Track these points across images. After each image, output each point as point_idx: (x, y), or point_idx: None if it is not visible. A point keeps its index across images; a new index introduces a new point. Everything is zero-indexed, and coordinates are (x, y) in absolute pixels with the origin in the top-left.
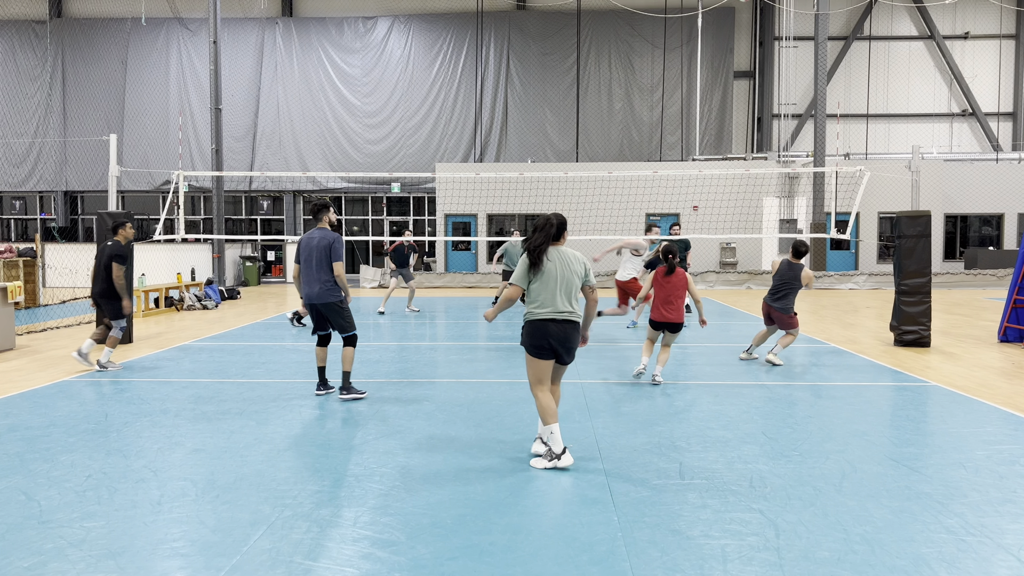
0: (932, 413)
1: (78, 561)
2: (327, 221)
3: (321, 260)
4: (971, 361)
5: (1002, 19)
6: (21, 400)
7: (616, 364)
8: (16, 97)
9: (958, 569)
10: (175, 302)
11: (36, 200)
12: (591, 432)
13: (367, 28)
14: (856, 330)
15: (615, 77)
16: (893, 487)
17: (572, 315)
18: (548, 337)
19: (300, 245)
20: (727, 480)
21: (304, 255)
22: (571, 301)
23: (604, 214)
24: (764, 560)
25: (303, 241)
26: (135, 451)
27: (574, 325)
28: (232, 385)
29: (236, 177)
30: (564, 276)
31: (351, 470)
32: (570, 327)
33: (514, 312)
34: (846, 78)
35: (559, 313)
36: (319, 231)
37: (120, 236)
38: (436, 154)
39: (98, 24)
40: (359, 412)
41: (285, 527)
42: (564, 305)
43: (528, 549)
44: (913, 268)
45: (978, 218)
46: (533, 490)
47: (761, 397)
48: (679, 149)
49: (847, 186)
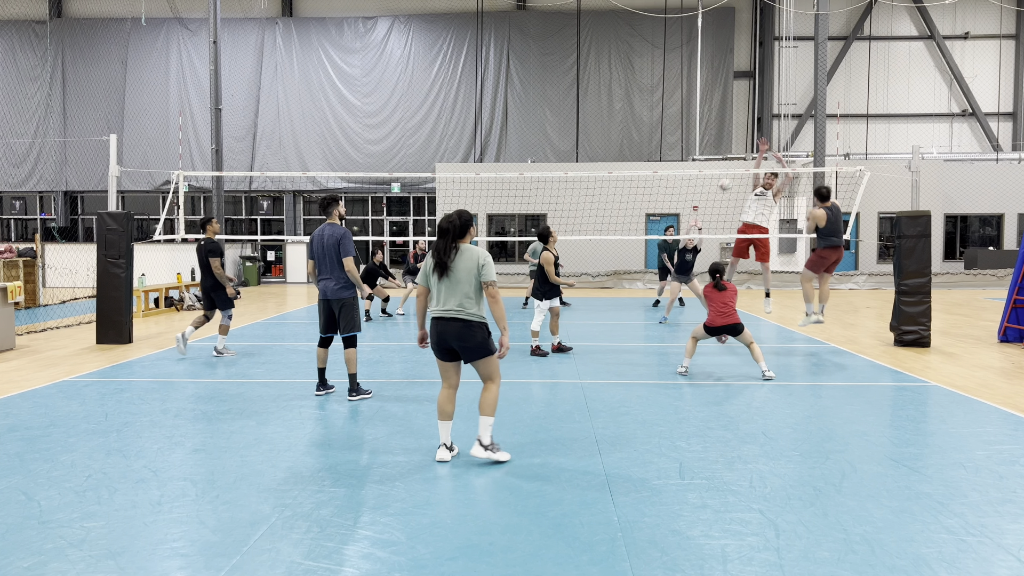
0: (932, 413)
1: (78, 561)
2: (337, 215)
3: (333, 256)
4: (971, 361)
5: (1002, 19)
6: (21, 400)
7: (616, 365)
8: (16, 97)
9: (958, 569)
10: (175, 302)
11: (36, 200)
12: (591, 432)
13: (367, 28)
14: (856, 330)
15: (615, 77)
16: (893, 487)
17: (459, 312)
18: (436, 335)
19: (312, 241)
20: (727, 480)
21: (317, 251)
22: (459, 299)
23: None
24: (764, 560)
25: (315, 237)
26: (135, 451)
27: (461, 323)
28: (232, 385)
29: (236, 177)
30: (455, 274)
31: (351, 470)
32: (456, 324)
33: (514, 312)
34: (846, 78)
35: (444, 311)
36: (329, 226)
37: (209, 232)
38: (436, 154)
39: (98, 24)
40: (360, 412)
41: (285, 527)
42: (449, 303)
43: (528, 549)
44: (913, 268)
45: (978, 218)
46: (533, 490)
47: (761, 397)
48: (679, 149)
49: (847, 186)
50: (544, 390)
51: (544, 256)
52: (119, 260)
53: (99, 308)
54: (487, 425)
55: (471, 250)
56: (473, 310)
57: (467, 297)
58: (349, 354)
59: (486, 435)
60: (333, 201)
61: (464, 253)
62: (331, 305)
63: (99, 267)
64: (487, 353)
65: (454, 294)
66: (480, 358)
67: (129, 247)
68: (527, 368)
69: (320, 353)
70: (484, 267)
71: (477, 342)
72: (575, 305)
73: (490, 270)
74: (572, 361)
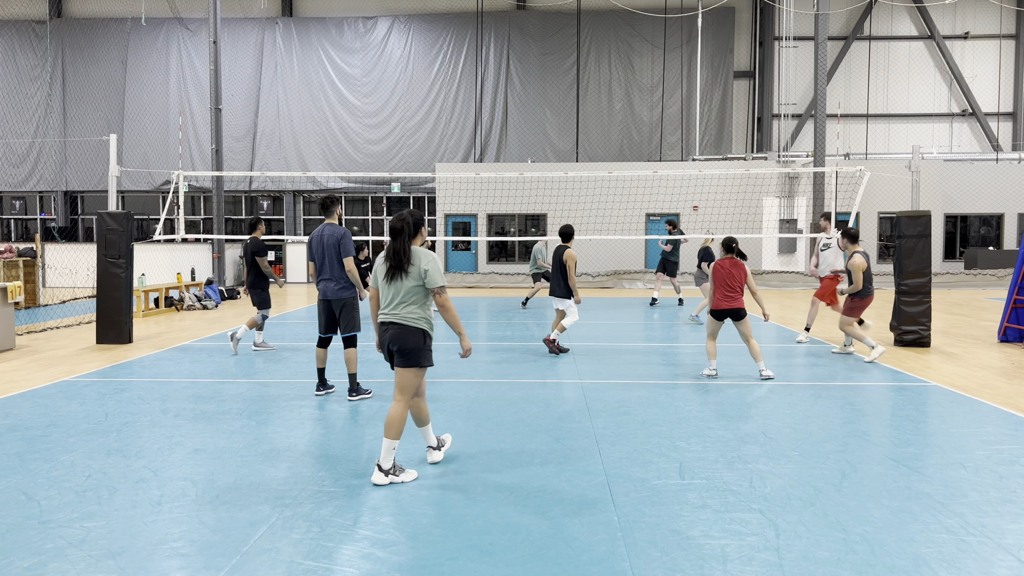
0: (932, 413)
1: (78, 561)
2: (337, 215)
3: (333, 256)
4: (971, 361)
5: (1002, 19)
6: (21, 400)
7: (616, 365)
8: (16, 97)
9: (958, 569)
10: (175, 302)
11: (36, 200)
12: (591, 432)
13: (367, 28)
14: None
15: (615, 77)
16: (893, 487)
17: (395, 317)
18: (383, 341)
19: (311, 242)
20: (727, 480)
21: (316, 251)
22: (399, 303)
23: (604, 214)
24: (764, 560)
25: (314, 237)
26: (135, 451)
27: (399, 328)
28: (232, 385)
29: (236, 177)
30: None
31: (351, 470)
32: (393, 329)
33: (514, 312)
34: (846, 78)
35: (384, 315)
36: (329, 226)
37: (257, 232)
38: (436, 154)
39: (98, 24)
40: (359, 412)
41: (285, 527)
42: (388, 307)
43: (528, 549)
44: (913, 268)
45: (978, 218)
46: (533, 490)
47: (761, 397)
48: (679, 149)
49: (847, 186)
50: (544, 390)
51: (568, 254)
52: (119, 260)
53: (99, 308)
54: (390, 448)
55: (417, 252)
56: (413, 316)
57: (409, 302)
58: (349, 354)
59: (387, 459)
60: (333, 201)
61: (411, 256)
62: (331, 305)
63: (99, 267)
64: (415, 363)
65: (394, 298)
66: (406, 366)
67: (129, 247)
68: (527, 368)
69: (319, 353)
70: (428, 273)
71: (409, 348)
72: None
73: (435, 276)
74: (572, 361)
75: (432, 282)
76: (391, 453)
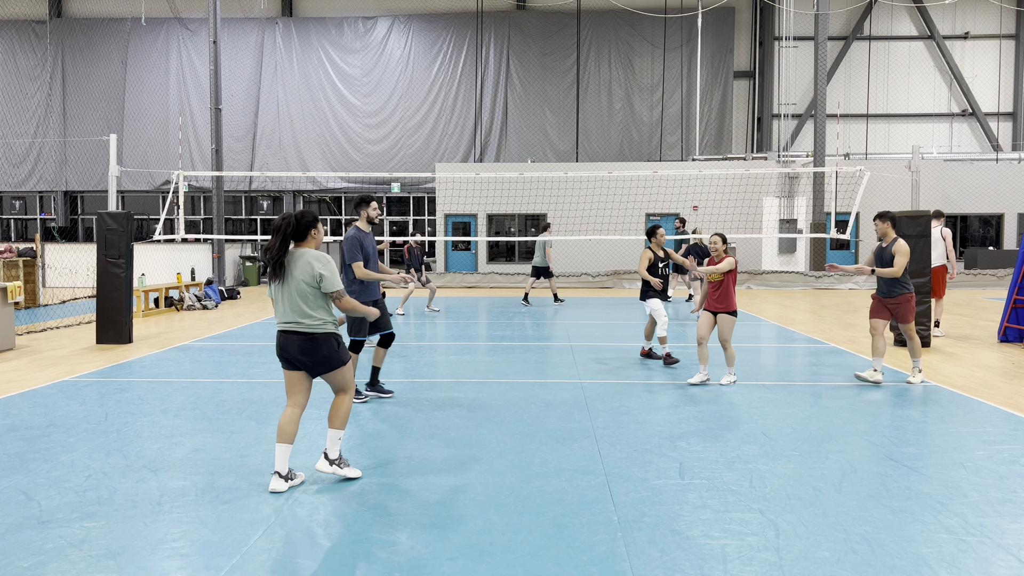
0: (932, 413)
1: (78, 561)
2: (364, 216)
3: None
4: (971, 361)
5: (1002, 19)
6: (21, 400)
7: (617, 365)
8: (16, 97)
9: (958, 569)
10: (175, 302)
11: (36, 200)
12: (591, 432)
13: (367, 28)
14: (856, 330)
15: (615, 77)
16: (893, 487)
17: (298, 326)
18: (279, 346)
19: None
20: (727, 480)
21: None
22: (299, 311)
23: (604, 214)
24: (764, 560)
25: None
26: (135, 451)
27: (304, 337)
28: (232, 385)
29: (236, 177)
30: (291, 282)
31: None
32: (298, 339)
33: (514, 312)
34: (846, 78)
35: (284, 324)
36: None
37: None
38: (436, 154)
39: (98, 24)
40: (359, 412)
41: (285, 527)
42: (289, 315)
43: (528, 549)
44: (913, 268)
45: (978, 218)
46: (533, 490)
47: (761, 397)
48: (679, 149)
49: (847, 186)
50: (544, 390)
51: (644, 253)
52: (119, 260)
53: (99, 308)
54: (336, 438)
55: (311, 256)
56: (316, 321)
57: (307, 309)
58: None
59: (334, 448)
60: (361, 200)
61: (300, 259)
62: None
63: (99, 267)
64: (339, 364)
65: (292, 305)
66: (330, 371)
67: (129, 247)
68: (527, 368)
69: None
70: (324, 280)
71: (323, 355)
72: (574, 304)
73: (331, 281)
74: (572, 361)
75: (329, 286)
76: (337, 443)
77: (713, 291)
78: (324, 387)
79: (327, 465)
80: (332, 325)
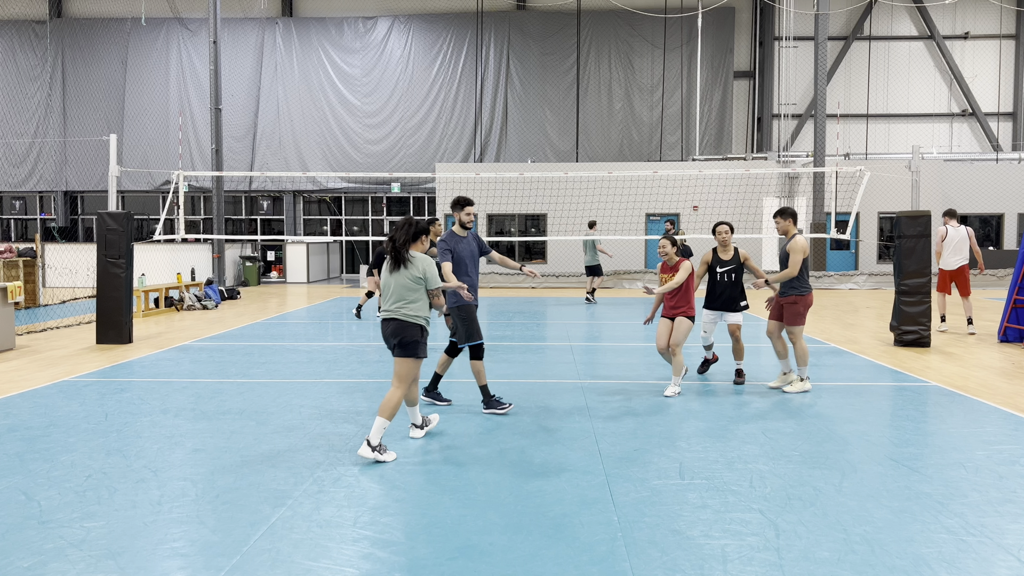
0: (932, 413)
1: (78, 561)
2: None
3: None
4: (971, 361)
5: (1002, 19)
6: (21, 400)
7: (617, 365)
8: (16, 97)
9: (958, 569)
10: (175, 302)
11: (36, 200)
12: (591, 432)
13: (367, 28)
14: (856, 330)
15: (615, 77)
16: (893, 487)
17: (397, 313)
18: (383, 334)
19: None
20: (727, 480)
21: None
22: (402, 300)
23: (604, 214)
24: (764, 560)
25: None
26: (135, 451)
27: (398, 323)
28: (232, 385)
29: (236, 177)
30: (401, 278)
31: (351, 470)
32: (393, 324)
33: (514, 312)
34: (846, 78)
35: (387, 311)
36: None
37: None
38: (436, 154)
39: (98, 24)
40: (359, 412)
41: (285, 527)
42: (393, 303)
43: (528, 549)
44: (913, 268)
45: (978, 218)
46: (533, 490)
47: (761, 397)
48: (679, 149)
49: (847, 186)
50: (544, 390)
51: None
52: (119, 260)
53: (99, 308)
54: (380, 427)
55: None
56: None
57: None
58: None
59: (376, 436)
60: (455, 203)
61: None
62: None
63: (99, 267)
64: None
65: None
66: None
67: (129, 247)
68: (527, 368)
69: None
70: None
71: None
72: (574, 304)
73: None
74: (572, 361)
75: (431, 284)
76: (381, 431)
77: (670, 298)
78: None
79: (369, 451)
80: (424, 320)
